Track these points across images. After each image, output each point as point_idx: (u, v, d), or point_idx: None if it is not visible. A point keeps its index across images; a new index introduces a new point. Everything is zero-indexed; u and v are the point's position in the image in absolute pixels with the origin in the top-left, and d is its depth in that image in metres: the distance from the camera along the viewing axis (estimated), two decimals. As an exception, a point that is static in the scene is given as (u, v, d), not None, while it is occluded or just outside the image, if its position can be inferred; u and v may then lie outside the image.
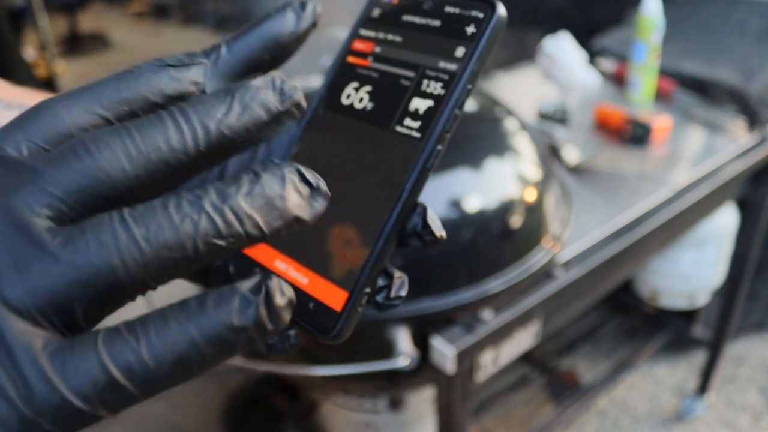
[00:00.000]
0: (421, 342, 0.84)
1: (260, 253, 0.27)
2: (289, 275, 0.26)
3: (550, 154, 1.16)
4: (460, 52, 0.26)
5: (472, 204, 0.84)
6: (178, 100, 0.21)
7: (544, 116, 1.29)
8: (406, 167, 0.25)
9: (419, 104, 0.26)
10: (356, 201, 0.26)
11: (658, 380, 1.75)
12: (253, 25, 0.29)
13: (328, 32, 1.12)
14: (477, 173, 0.87)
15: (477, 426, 1.41)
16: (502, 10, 0.26)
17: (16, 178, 0.18)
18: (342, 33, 1.22)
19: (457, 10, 0.27)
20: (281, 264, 0.27)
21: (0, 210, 0.17)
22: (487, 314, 0.85)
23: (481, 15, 0.26)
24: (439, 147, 0.25)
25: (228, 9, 5.05)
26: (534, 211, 0.90)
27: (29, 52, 2.79)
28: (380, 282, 0.26)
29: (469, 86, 0.26)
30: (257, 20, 0.29)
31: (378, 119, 0.27)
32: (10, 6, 2.61)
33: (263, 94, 0.20)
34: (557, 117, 1.27)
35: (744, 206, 1.43)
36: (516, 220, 0.87)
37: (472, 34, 0.26)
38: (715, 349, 1.59)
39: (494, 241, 0.86)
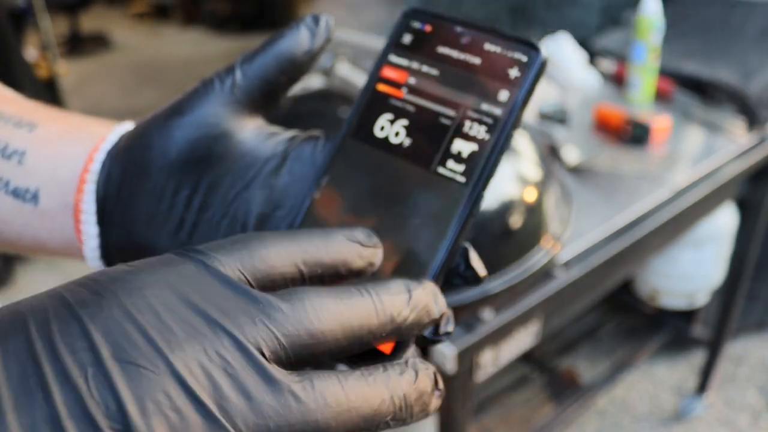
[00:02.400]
0: (421, 342, 0.85)
1: None
2: None
3: (549, 154, 1.16)
4: (503, 96, 0.25)
5: (472, 204, 0.84)
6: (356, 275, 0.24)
7: (544, 116, 1.29)
8: (451, 211, 0.25)
9: (462, 147, 0.25)
10: (399, 240, 0.25)
11: (657, 380, 1.75)
12: (267, 45, 0.28)
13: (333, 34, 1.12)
14: (477, 173, 0.87)
15: (477, 426, 1.41)
16: (545, 53, 0.25)
17: (249, 312, 0.19)
18: (343, 34, 1.22)
19: (498, 50, 0.25)
20: None
21: (233, 341, 0.18)
22: (487, 314, 0.85)
23: (524, 58, 0.25)
24: (484, 192, 0.25)
25: (228, 10, 5.06)
26: (534, 211, 0.90)
27: (30, 53, 2.79)
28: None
29: (514, 132, 0.25)
30: (271, 39, 0.28)
31: (418, 157, 0.26)
32: (12, 6, 2.62)
33: (431, 305, 0.23)
34: (557, 117, 1.27)
35: (743, 206, 1.43)
36: (516, 220, 0.87)
37: (516, 78, 0.25)
38: (714, 348, 1.59)
39: (494, 240, 0.86)
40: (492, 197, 0.86)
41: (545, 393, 1.49)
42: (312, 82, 1.06)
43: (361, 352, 0.24)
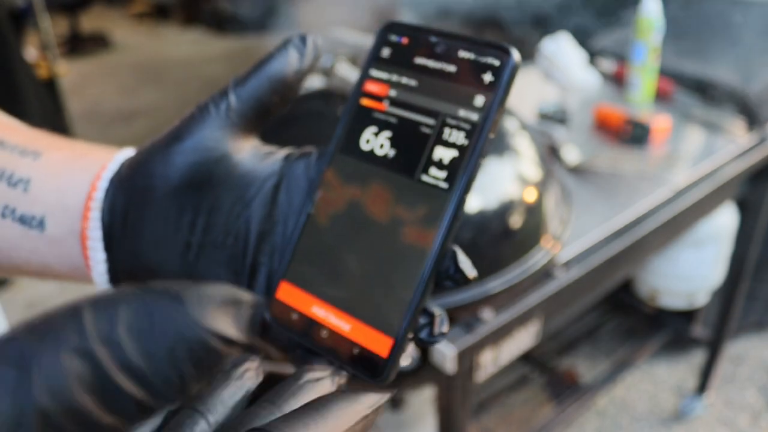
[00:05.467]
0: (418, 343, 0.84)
1: (297, 299, 0.27)
2: (330, 322, 0.26)
3: (549, 154, 1.16)
4: (479, 101, 0.26)
5: (472, 204, 0.84)
6: None
7: (544, 116, 1.29)
8: (436, 217, 0.26)
9: (443, 154, 0.26)
10: (389, 248, 0.26)
11: (657, 380, 1.75)
12: (258, 68, 0.28)
13: (329, 33, 1.12)
14: (478, 173, 0.87)
15: (477, 425, 1.41)
16: (516, 56, 0.26)
17: None
18: (343, 34, 1.22)
19: (472, 56, 0.26)
20: (319, 310, 0.27)
21: None
22: (487, 314, 0.85)
23: (497, 63, 0.26)
24: (466, 196, 0.26)
25: (228, 10, 5.05)
26: (534, 211, 0.90)
27: (30, 53, 2.79)
28: (421, 320, 0.26)
29: (492, 135, 0.26)
30: (261, 61, 0.28)
31: (402, 167, 0.27)
32: (12, 6, 2.62)
33: None
34: (557, 117, 1.27)
35: (743, 206, 1.43)
36: (516, 220, 0.87)
37: (490, 82, 0.26)
38: (714, 348, 1.59)
39: (494, 240, 0.86)
40: (492, 197, 0.86)
41: (545, 393, 1.49)
42: (312, 82, 1.06)
43: (352, 356, 0.25)
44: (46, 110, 2.26)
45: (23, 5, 2.68)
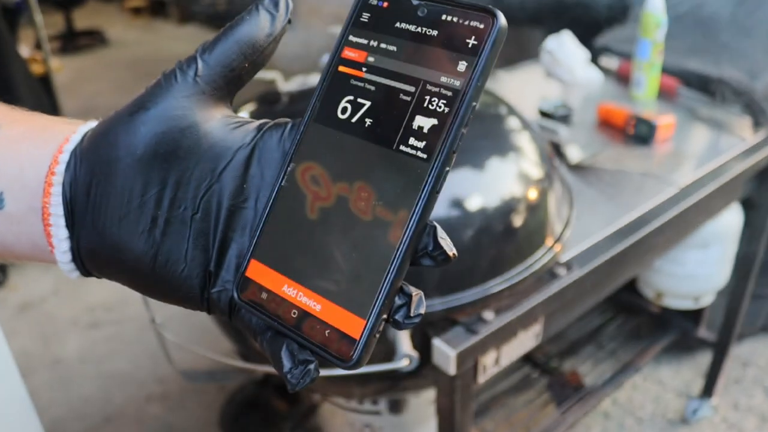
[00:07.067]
0: (422, 343, 0.84)
1: (267, 278, 0.26)
2: (300, 301, 0.25)
3: (552, 152, 1.14)
4: (462, 66, 0.24)
5: (474, 203, 0.83)
6: None
7: (547, 114, 1.27)
8: (414, 189, 0.24)
9: (423, 122, 0.25)
10: (364, 223, 0.25)
11: (662, 382, 1.73)
12: (226, 32, 0.27)
13: (329, 30, 1.10)
14: (479, 172, 0.86)
15: (478, 428, 1.39)
16: (502, 19, 0.24)
17: None
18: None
19: (455, 19, 0.25)
20: (290, 290, 0.26)
21: None
22: (488, 315, 0.84)
23: (481, 26, 0.24)
24: (447, 168, 0.24)
25: (224, 5, 5.05)
26: (536, 211, 0.89)
27: (25, 49, 2.78)
28: (398, 301, 0.25)
29: (474, 104, 0.24)
30: (230, 25, 0.27)
31: (379, 137, 0.25)
32: (6, 2, 2.60)
33: None
34: (560, 115, 1.26)
35: (749, 206, 1.42)
36: (518, 220, 0.85)
37: (474, 46, 0.24)
38: (720, 350, 1.57)
39: (496, 240, 0.85)
40: (494, 196, 0.85)
41: (548, 395, 1.47)
42: (311, 79, 1.05)
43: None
44: (40, 107, 2.25)
45: (17, 1, 2.67)
